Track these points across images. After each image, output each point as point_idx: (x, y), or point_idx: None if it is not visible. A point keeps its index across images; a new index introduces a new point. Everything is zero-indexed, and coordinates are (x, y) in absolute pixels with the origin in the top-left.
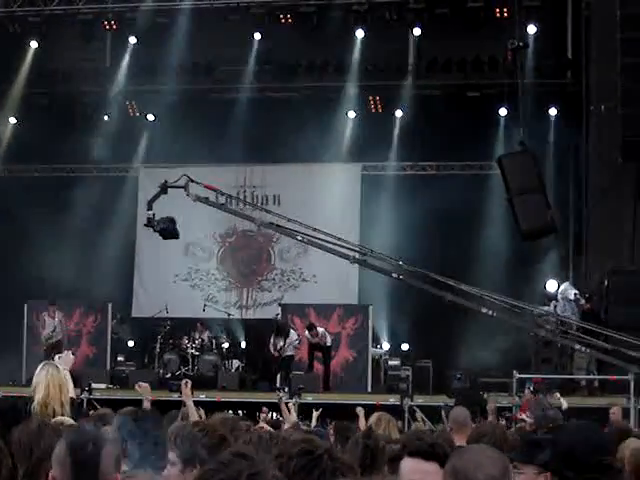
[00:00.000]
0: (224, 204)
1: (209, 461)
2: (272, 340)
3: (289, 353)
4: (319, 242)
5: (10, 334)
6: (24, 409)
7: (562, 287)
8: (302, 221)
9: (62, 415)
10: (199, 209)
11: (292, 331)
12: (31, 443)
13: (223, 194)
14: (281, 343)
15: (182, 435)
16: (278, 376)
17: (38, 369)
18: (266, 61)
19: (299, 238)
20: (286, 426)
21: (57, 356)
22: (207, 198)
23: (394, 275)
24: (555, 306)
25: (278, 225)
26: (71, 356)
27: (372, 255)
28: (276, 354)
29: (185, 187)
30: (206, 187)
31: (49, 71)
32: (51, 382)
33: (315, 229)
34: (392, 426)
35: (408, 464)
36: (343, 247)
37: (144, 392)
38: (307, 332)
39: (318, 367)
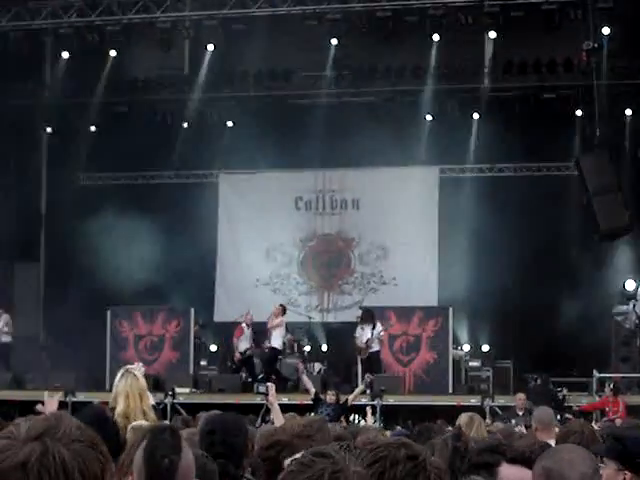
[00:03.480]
0: None
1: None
2: (357, 332)
3: (375, 348)
4: None
5: (93, 340)
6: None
7: None
8: (381, 224)
9: None
10: (279, 214)
11: (381, 327)
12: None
13: None
14: (368, 334)
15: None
16: (359, 378)
17: (117, 379)
18: (343, 66)
19: None
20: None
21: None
22: None
23: None
24: (634, 305)
25: None
26: None
27: None
28: (364, 347)
29: None
30: None
31: (128, 79)
32: (130, 392)
33: None
34: (483, 427)
35: (508, 471)
36: None
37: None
38: None
39: (398, 369)
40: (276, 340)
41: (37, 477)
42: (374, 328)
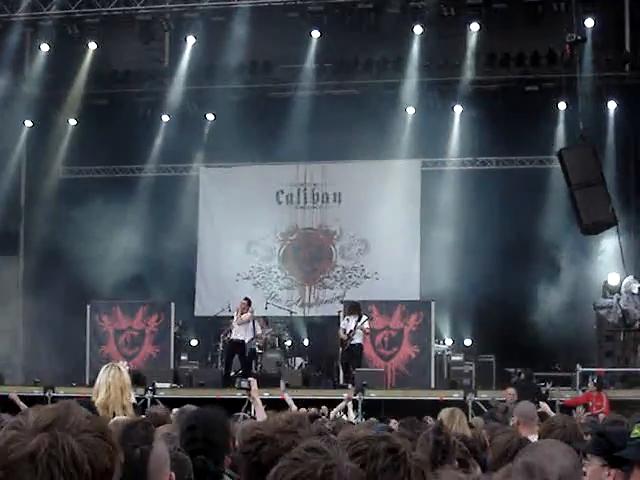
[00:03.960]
0: None
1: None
2: (343, 323)
3: (357, 341)
4: None
5: (72, 334)
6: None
7: (626, 281)
8: (363, 218)
9: None
10: (260, 208)
11: (365, 319)
12: None
13: None
14: (352, 326)
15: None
16: (341, 371)
17: (101, 371)
18: (324, 59)
19: None
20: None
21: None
22: None
23: None
24: (618, 299)
25: None
26: None
27: None
28: (345, 337)
29: None
30: None
31: (108, 72)
32: (112, 384)
33: None
34: (465, 422)
35: None
36: None
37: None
38: None
39: (379, 363)
40: (240, 333)
41: (46, 468)
42: (359, 320)
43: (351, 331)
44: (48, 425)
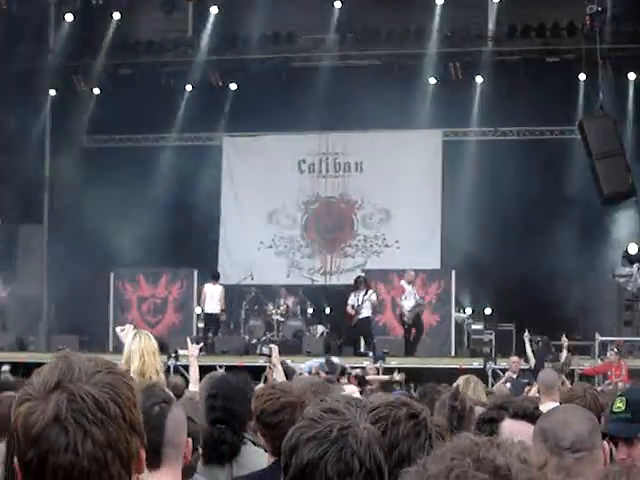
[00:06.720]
0: None
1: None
2: (350, 299)
3: (365, 314)
4: None
5: (96, 302)
6: None
7: None
8: (384, 187)
9: None
10: (282, 177)
11: (372, 291)
12: None
13: None
14: (359, 300)
15: None
16: (362, 341)
17: (129, 339)
18: (347, 29)
19: None
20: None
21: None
22: None
23: None
24: (638, 268)
25: None
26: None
27: None
28: (352, 312)
29: None
30: None
31: (132, 42)
32: (145, 350)
33: None
34: (480, 388)
35: (511, 426)
36: None
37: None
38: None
39: (401, 331)
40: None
41: (75, 424)
42: (366, 294)
43: (358, 305)
44: (57, 383)
